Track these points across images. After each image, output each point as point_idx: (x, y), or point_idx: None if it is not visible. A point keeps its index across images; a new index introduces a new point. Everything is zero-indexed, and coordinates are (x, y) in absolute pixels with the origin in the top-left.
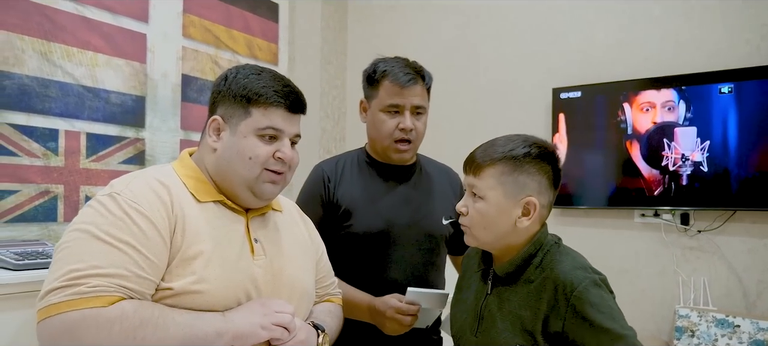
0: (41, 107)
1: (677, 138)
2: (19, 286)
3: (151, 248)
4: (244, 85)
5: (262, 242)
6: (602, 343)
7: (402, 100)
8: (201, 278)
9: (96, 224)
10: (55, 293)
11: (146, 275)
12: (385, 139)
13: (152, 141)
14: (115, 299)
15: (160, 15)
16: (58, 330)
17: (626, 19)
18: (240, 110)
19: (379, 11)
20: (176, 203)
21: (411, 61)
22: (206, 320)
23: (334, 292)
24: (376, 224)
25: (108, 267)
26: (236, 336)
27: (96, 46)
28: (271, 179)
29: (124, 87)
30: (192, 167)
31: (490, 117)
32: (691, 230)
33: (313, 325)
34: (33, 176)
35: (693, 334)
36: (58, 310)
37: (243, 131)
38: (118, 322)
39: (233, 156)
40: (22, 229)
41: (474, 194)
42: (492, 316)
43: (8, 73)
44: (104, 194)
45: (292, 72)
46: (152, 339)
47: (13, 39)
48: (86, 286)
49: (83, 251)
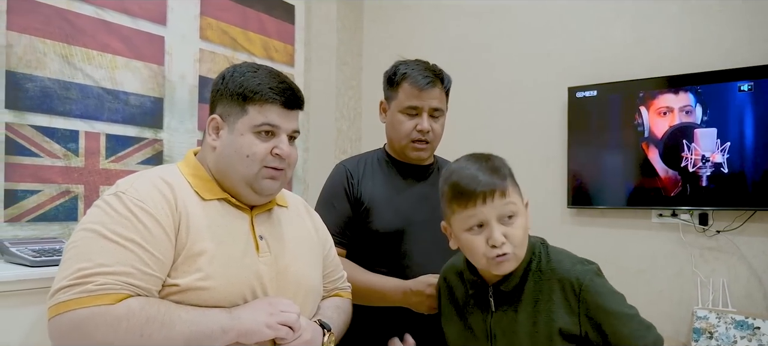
0: (62, 109)
1: (696, 139)
2: (35, 282)
3: (156, 245)
4: (240, 83)
5: (267, 239)
6: (619, 325)
7: (420, 103)
8: (206, 275)
9: (102, 223)
10: (64, 292)
11: (152, 271)
12: (403, 139)
13: (170, 142)
14: (122, 296)
15: (177, 18)
16: (68, 327)
17: (643, 17)
18: (237, 108)
19: (394, 11)
20: (180, 201)
21: (431, 64)
22: (212, 317)
23: (342, 286)
24: (395, 221)
25: (115, 265)
26: (241, 333)
27: (115, 49)
28: (270, 175)
29: (142, 89)
30: (196, 166)
31: (505, 117)
32: (709, 231)
33: (319, 323)
34: (54, 176)
35: (711, 335)
36: (67, 308)
37: (240, 129)
38: (125, 319)
39: (232, 154)
40: (44, 228)
41: (508, 217)
42: (505, 333)
43: (31, 75)
44: (110, 193)
45: (308, 73)
46: (158, 336)
47: (35, 42)
48: (94, 284)
49: (90, 249)
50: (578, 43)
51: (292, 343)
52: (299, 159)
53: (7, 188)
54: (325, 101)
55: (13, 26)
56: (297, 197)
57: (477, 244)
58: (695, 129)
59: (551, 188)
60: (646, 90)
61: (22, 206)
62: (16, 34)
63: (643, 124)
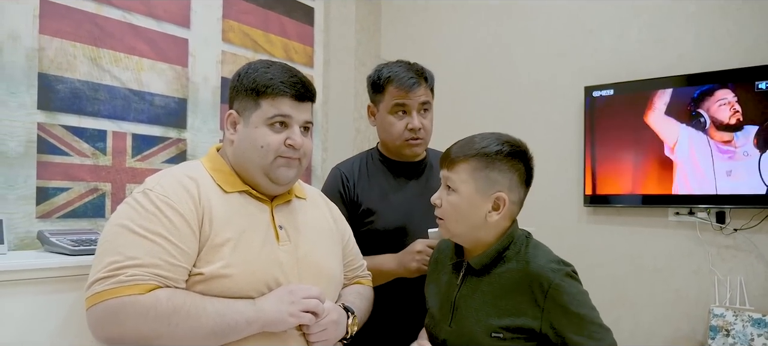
0: (91, 110)
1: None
2: (75, 269)
3: (181, 237)
4: (253, 79)
5: (286, 229)
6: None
7: (408, 102)
8: (228, 263)
9: (131, 219)
10: (98, 283)
11: (178, 262)
12: (397, 139)
13: (193, 141)
14: (151, 286)
15: (201, 21)
16: (103, 316)
17: (660, 16)
18: (251, 103)
19: (412, 13)
20: (204, 195)
21: (413, 63)
22: (237, 308)
23: (363, 274)
24: (396, 219)
25: (143, 257)
26: (266, 324)
27: (141, 51)
28: (285, 163)
29: (167, 90)
30: (218, 161)
31: (522, 115)
32: (727, 229)
33: (343, 307)
34: (83, 174)
35: (728, 333)
36: (101, 298)
37: (254, 122)
38: (153, 308)
39: (248, 146)
40: (73, 224)
41: (448, 187)
42: (466, 306)
43: (62, 77)
44: (138, 191)
45: (327, 74)
46: (185, 326)
47: (66, 46)
48: (125, 275)
49: (121, 243)
50: (595, 43)
51: (320, 322)
52: (318, 159)
53: (39, 186)
54: (344, 101)
55: (45, 30)
56: (315, 189)
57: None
58: (712, 127)
59: (568, 186)
60: (663, 89)
61: (53, 203)
62: (48, 38)
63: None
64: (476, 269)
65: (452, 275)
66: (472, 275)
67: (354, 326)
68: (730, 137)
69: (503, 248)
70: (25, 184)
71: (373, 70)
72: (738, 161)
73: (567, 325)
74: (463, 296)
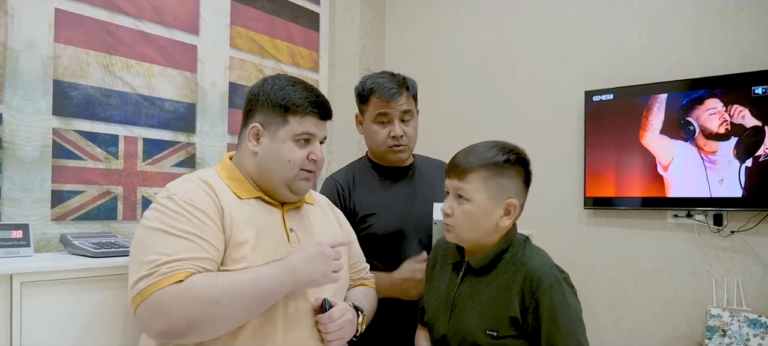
0: (104, 115)
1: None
2: (97, 270)
3: (209, 234)
4: (281, 96)
5: (296, 232)
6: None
7: (390, 110)
8: (250, 263)
9: (161, 221)
10: (142, 281)
11: (209, 256)
12: (381, 146)
13: (202, 145)
14: (188, 273)
15: (209, 27)
16: (150, 309)
17: (659, 21)
18: (278, 118)
19: (416, 18)
20: (222, 197)
21: (395, 74)
22: (269, 274)
23: (367, 276)
24: (393, 222)
25: (179, 253)
26: (300, 283)
27: (152, 58)
28: (305, 176)
29: (176, 95)
30: (232, 169)
31: (523, 119)
32: (724, 231)
33: (353, 307)
34: (96, 178)
35: (724, 333)
36: (147, 293)
37: (282, 137)
38: (191, 291)
39: (273, 159)
40: (87, 226)
41: (460, 196)
42: (464, 304)
43: (75, 84)
44: (163, 196)
45: (332, 79)
46: (225, 301)
47: (79, 53)
48: (164, 268)
49: (156, 243)
50: (595, 48)
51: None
52: None
53: (54, 189)
54: (349, 105)
55: (60, 39)
56: (322, 196)
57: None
58: (710, 131)
59: (568, 189)
60: (662, 93)
61: (67, 206)
62: (62, 46)
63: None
64: (476, 269)
65: (452, 273)
66: (471, 275)
67: (363, 325)
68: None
69: (502, 250)
70: (41, 187)
71: (359, 82)
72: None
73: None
74: (462, 295)
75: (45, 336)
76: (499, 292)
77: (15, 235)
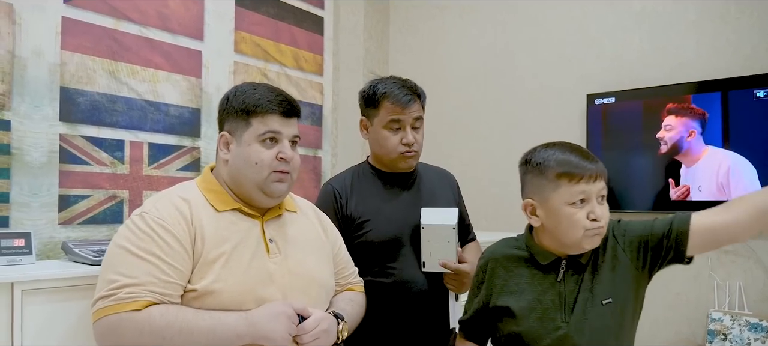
0: (110, 120)
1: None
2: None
3: (174, 256)
4: (242, 100)
5: (276, 242)
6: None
7: (403, 117)
8: (218, 278)
9: (129, 240)
10: (101, 301)
11: (172, 279)
12: (392, 152)
13: (207, 149)
14: (146, 303)
15: (214, 33)
16: (105, 330)
17: (661, 25)
18: (242, 123)
19: (419, 21)
20: (195, 215)
21: (406, 80)
22: (228, 323)
23: (354, 281)
24: (390, 230)
25: (140, 276)
26: (257, 338)
27: (157, 63)
28: (278, 178)
29: (181, 100)
30: (212, 181)
31: (526, 121)
32: None
33: (333, 314)
34: (102, 182)
35: (725, 337)
36: (103, 313)
37: (247, 140)
38: (147, 324)
39: (242, 164)
40: (93, 230)
41: (603, 197)
42: (575, 298)
43: (82, 90)
44: (136, 214)
45: (337, 82)
46: (178, 340)
47: (86, 60)
48: (123, 292)
49: (120, 263)
50: (597, 51)
51: (312, 332)
52: (328, 164)
53: (61, 193)
54: (353, 108)
55: (67, 46)
56: (306, 201)
57: (580, 216)
58: (710, 135)
59: None
60: (664, 96)
61: (74, 210)
62: (69, 53)
63: (660, 130)
64: (584, 263)
65: (545, 276)
66: (573, 271)
67: (344, 332)
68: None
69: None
70: (48, 192)
71: (367, 86)
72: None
73: (637, 234)
74: (572, 291)
75: (44, 342)
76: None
77: (17, 243)
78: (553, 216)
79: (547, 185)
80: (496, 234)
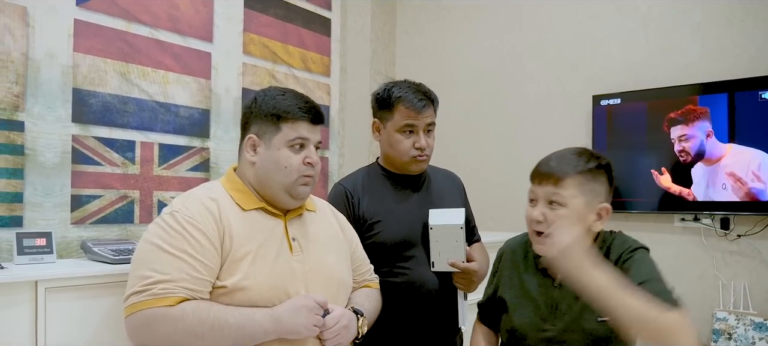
0: (121, 122)
1: (718, 146)
2: (116, 276)
3: (205, 254)
4: (273, 106)
5: (299, 240)
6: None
7: (417, 122)
8: (246, 276)
9: (161, 238)
10: (134, 296)
11: (202, 276)
12: (404, 156)
13: (216, 150)
14: (179, 299)
15: (223, 35)
16: (139, 324)
17: (666, 27)
18: (271, 127)
19: (426, 23)
20: (224, 214)
21: (420, 85)
22: (256, 319)
23: (371, 277)
24: (400, 231)
25: (173, 273)
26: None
27: (167, 65)
28: (304, 182)
29: (191, 101)
30: (236, 181)
31: (531, 123)
32: (731, 235)
33: (353, 310)
34: (114, 182)
35: (730, 337)
36: (137, 309)
37: (276, 145)
38: (181, 320)
39: (271, 167)
40: (105, 229)
41: (552, 202)
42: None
43: (94, 92)
44: (167, 212)
45: (343, 83)
46: (210, 336)
47: (98, 62)
48: (157, 288)
49: (153, 260)
50: (603, 52)
51: (332, 329)
52: (335, 164)
53: (73, 193)
54: (360, 110)
55: (79, 48)
56: (323, 201)
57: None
58: (716, 136)
59: None
60: (669, 98)
61: (86, 210)
62: (81, 55)
63: (665, 132)
64: None
65: (545, 278)
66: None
67: (364, 327)
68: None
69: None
70: (61, 192)
71: (381, 88)
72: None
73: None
74: (566, 297)
75: (67, 338)
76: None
77: (39, 242)
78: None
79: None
80: (503, 234)
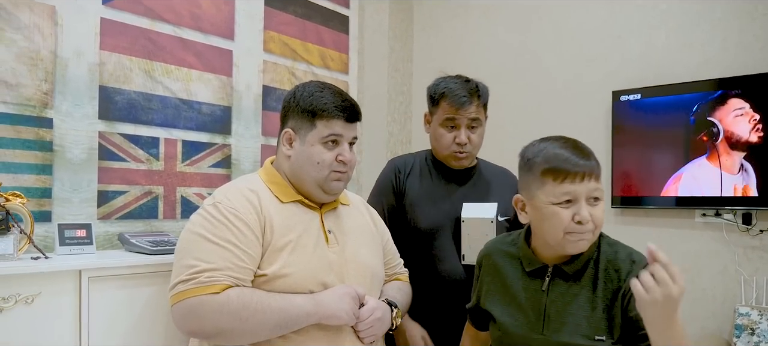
0: (145, 118)
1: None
2: (154, 266)
3: (247, 243)
4: (309, 102)
5: (334, 233)
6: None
7: (458, 117)
8: (287, 264)
9: (205, 228)
10: (181, 284)
11: (245, 265)
12: (444, 150)
13: (237, 147)
14: (224, 286)
15: (244, 33)
16: (186, 311)
17: (687, 21)
18: (307, 123)
19: (444, 20)
20: (264, 205)
21: (469, 80)
22: (297, 303)
23: (401, 271)
24: (433, 218)
25: (217, 262)
26: (324, 317)
27: (190, 63)
28: (337, 177)
29: (213, 99)
30: (274, 174)
31: (551, 119)
32: (753, 230)
33: (387, 302)
34: (138, 178)
35: (753, 332)
36: (184, 296)
37: (310, 141)
38: (226, 305)
39: (304, 162)
40: (130, 225)
41: (596, 199)
42: (558, 312)
43: (119, 89)
44: (209, 204)
45: (361, 80)
46: (254, 320)
47: (123, 60)
48: (203, 277)
49: (198, 249)
50: (622, 48)
51: (368, 321)
52: None
53: (99, 189)
54: (377, 106)
55: (105, 46)
56: (357, 196)
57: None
58: (738, 131)
59: None
60: (690, 93)
61: (112, 205)
62: (107, 53)
63: (686, 126)
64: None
65: (532, 281)
66: (560, 279)
67: (398, 319)
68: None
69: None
70: (88, 188)
71: (433, 82)
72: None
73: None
74: (554, 302)
75: (109, 324)
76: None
77: (79, 234)
78: (538, 214)
79: (533, 182)
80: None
